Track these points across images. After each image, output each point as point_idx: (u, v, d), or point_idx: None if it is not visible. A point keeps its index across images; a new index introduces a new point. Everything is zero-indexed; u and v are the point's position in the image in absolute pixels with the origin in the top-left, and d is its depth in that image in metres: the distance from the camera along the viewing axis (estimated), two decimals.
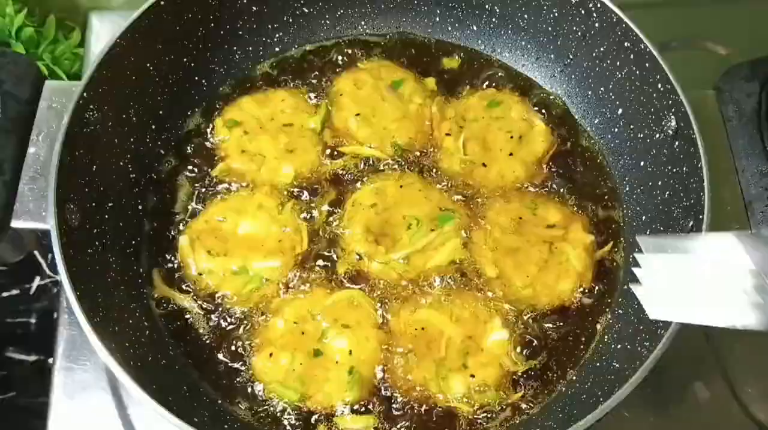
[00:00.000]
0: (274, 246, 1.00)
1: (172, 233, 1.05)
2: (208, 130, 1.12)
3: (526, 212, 1.04)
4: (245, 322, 0.99)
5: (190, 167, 1.10)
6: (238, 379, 0.96)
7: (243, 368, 0.96)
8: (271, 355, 0.93)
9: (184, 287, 1.01)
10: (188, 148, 1.12)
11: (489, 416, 0.93)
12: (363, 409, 0.93)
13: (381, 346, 0.95)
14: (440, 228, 1.01)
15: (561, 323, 1.00)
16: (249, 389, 0.95)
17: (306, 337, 0.94)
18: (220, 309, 0.99)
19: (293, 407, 0.93)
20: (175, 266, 1.02)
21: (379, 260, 0.99)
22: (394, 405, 0.93)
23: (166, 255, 1.03)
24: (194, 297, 1.00)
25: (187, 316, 0.99)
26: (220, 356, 0.97)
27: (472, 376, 0.92)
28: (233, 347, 0.97)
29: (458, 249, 1.01)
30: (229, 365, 0.97)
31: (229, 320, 0.99)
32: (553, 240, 1.02)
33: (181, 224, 1.05)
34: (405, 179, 1.06)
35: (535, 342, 0.98)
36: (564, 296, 1.01)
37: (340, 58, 1.20)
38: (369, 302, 0.97)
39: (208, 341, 0.98)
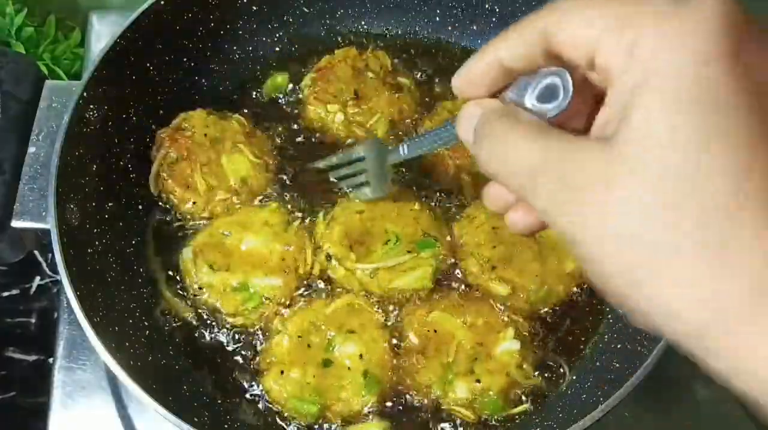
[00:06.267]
0: (276, 264, 0.99)
1: (173, 234, 1.05)
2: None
3: (494, 220, 1.02)
4: (246, 329, 0.99)
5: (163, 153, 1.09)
6: (239, 379, 0.96)
7: (243, 367, 0.96)
8: (282, 372, 0.92)
9: (187, 299, 1.00)
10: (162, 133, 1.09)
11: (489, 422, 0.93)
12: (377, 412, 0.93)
13: (390, 345, 0.94)
14: (417, 253, 1.00)
15: (561, 323, 1.00)
16: (250, 389, 0.95)
17: (313, 349, 0.93)
18: (221, 322, 0.99)
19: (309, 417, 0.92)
20: (176, 271, 1.02)
21: (346, 266, 0.98)
22: (399, 406, 0.93)
23: (167, 258, 1.03)
24: (195, 309, 0.99)
25: (188, 318, 0.99)
26: (221, 356, 0.97)
27: (477, 381, 0.91)
28: (234, 348, 0.97)
29: (427, 278, 0.99)
30: (230, 364, 0.97)
31: (229, 329, 0.99)
32: None
33: (181, 227, 1.05)
34: (401, 196, 1.05)
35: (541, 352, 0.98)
36: (576, 275, 1.00)
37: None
38: (369, 304, 0.97)
39: (208, 342, 0.98)
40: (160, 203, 1.06)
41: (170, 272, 1.02)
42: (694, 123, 0.41)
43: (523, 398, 0.94)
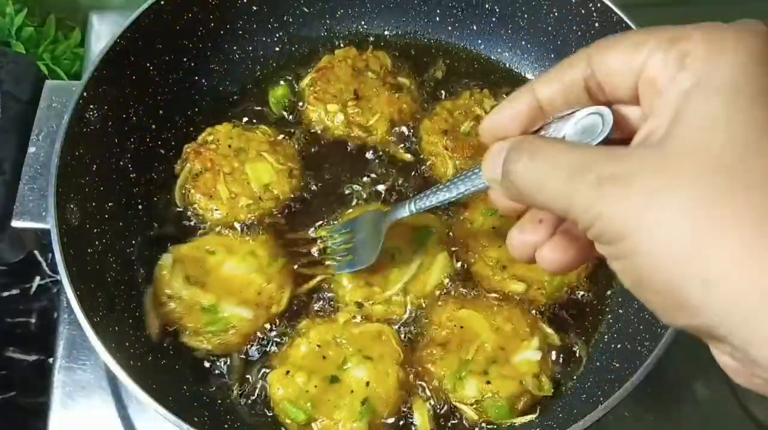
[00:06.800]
0: (251, 297, 0.97)
1: (173, 235, 1.05)
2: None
3: (493, 220, 1.03)
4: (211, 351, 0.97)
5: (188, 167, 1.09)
6: (239, 378, 0.96)
7: (245, 367, 0.96)
8: (288, 373, 0.92)
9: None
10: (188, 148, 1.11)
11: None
12: None
13: (400, 385, 0.93)
14: (423, 247, 1.00)
15: (562, 323, 1.00)
16: (250, 389, 0.95)
17: (326, 362, 0.93)
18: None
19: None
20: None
21: (379, 301, 0.98)
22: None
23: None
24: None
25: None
26: (221, 355, 0.97)
27: (488, 382, 0.91)
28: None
29: (448, 262, 1.00)
30: (230, 364, 0.97)
31: None
32: None
33: (182, 229, 1.05)
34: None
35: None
36: None
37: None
38: (397, 339, 0.96)
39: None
40: (179, 210, 1.06)
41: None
42: (754, 112, 0.42)
43: (532, 408, 0.94)
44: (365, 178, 1.10)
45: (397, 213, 0.89)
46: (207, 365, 0.97)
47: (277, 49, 1.21)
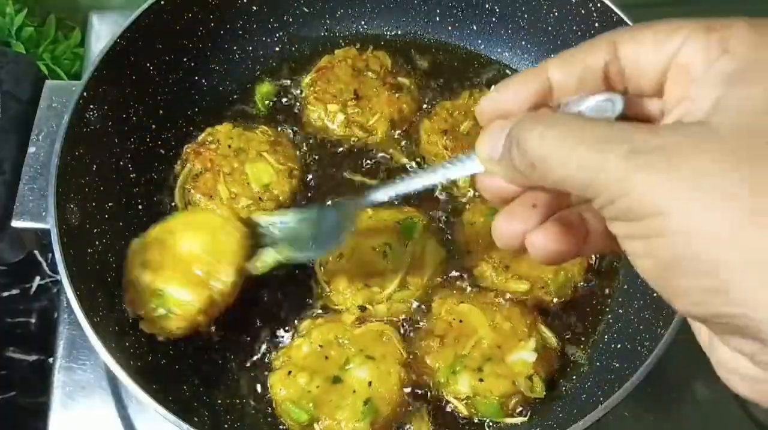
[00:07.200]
0: (193, 275, 0.89)
1: None
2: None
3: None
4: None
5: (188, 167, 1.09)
6: (240, 378, 0.96)
7: (245, 367, 0.97)
8: (290, 373, 0.92)
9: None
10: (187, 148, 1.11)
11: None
12: None
13: (402, 386, 0.93)
14: (411, 238, 1.01)
15: (561, 324, 1.00)
16: (251, 389, 0.95)
17: (329, 362, 0.93)
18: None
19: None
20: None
21: (380, 300, 0.98)
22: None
23: None
24: None
25: None
26: (222, 355, 0.97)
27: (481, 380, 0.91)
28: (235, 348, 0.97)
29: (439, 249, 1.01)
30: (231, 364, 0.97)
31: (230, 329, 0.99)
32: None
33: None
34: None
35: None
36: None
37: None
38: (399, 339, 0.96)
39: (208, 342, 0.98)
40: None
41: None
42: None
43: (524, 409, 0.94)
44: (365, 178, 1.10)
45: (375, 196, 0.74)
46: (207, 365, 0.97)
47: (277, 49, 1.21)
